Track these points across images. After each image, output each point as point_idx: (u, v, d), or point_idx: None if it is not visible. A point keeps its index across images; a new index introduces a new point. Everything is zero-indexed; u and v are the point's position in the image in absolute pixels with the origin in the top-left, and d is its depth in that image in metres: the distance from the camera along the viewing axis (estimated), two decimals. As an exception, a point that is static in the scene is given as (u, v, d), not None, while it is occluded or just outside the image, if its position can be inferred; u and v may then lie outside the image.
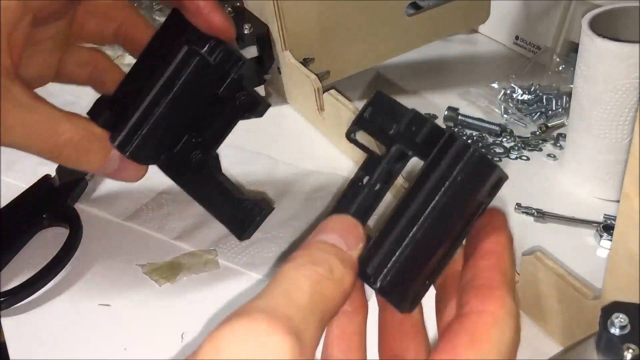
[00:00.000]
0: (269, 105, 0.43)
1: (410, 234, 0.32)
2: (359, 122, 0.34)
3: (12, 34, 0.38)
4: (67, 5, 0.42)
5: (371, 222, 0.37)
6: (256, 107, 0.42)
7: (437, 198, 0.32)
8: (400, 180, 0.49)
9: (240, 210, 0.41)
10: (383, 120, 0.35)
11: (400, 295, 0.32)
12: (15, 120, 0.37)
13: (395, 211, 0.33)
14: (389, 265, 0.32)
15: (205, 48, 0.40)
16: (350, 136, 0.35)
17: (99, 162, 0.40)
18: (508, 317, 0.30)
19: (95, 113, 0.42)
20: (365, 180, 0.35)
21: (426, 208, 0.32)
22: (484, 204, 0.34)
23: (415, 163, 0.36)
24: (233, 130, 0.43)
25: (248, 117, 0.43)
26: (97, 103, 0.42)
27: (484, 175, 0.33)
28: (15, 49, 0.38)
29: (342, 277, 0.30)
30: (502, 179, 0.33)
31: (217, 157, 0.42)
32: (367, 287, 0.34)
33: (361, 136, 0.35)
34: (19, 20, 0.38)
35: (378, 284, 0.32)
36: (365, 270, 0.32)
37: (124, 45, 0.46)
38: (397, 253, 0.32)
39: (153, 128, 0.40)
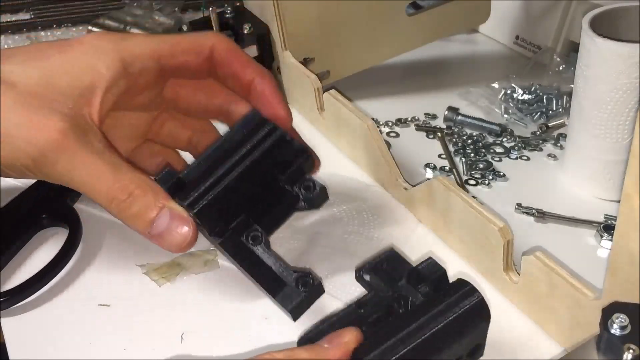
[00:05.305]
0: (327, 198, 0.46)
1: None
2: (372, 269, 0.40)
3: (106, 91, 0.42)
4: (157, 84, 0.47)
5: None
6: (317, 200, 0.45)
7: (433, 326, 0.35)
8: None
9: (291, 288, 0.42)
10: (394, 271, 0.39)
11: None
12: (83, 160, 0.40)
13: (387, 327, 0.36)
14: None
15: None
16: (360, 275, 0.40)
17: (149, 217, 0.41)
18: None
19: (162, 180, 0.43)
20: (364, 310, 0.39)
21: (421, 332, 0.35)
22: None
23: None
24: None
25: (305, 209, 0.45)
26: (166, 173, 0.43)
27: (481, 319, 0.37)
28: (104, 105, 0.42)
29: None
30: (482, 345, 0.38)
31: (268, 241, 0.44)
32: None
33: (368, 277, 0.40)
34: (116, 80, 0.43)
35: None
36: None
37: (192, 153, 0.51)
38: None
39: (222, 194, 0.42)
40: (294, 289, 0.42)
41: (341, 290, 0.46)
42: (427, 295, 0.38)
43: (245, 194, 0.43)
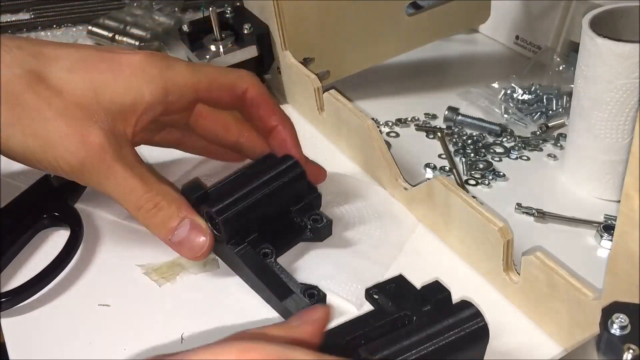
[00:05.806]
0: (330, 233, 0.50)
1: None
2: (381, 289, 0.43)
3: (144, 113, 0.46)
4: (187, 109, 0.50)
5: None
6: (322, 232, 0.49)
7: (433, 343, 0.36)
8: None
9: (298, 296, 0.44)
10: (401, 292, 0.42)
11: None
12: (118, 172, 0.44)
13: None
14: None
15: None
16: (369, 294, 0.43)
17: (170, 225, 0.45)
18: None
19: (187, 190, 0.47)
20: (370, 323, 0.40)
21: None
22: None
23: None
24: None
25: (309, 239, 0.49)
26: (195, 186, 0.47)
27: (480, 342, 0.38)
28: (139, 125, 0.46)
29: None
30: None
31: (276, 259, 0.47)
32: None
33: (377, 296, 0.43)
34: (155, 105, 0.46)
35: None
36: None
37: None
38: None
39: (245, 210, 0.46)
40: (301, 298, 0.44)
41: (341, 288, 0.46)
42: (430, 314, 0.39)
43: (263, 216, 0.47)
